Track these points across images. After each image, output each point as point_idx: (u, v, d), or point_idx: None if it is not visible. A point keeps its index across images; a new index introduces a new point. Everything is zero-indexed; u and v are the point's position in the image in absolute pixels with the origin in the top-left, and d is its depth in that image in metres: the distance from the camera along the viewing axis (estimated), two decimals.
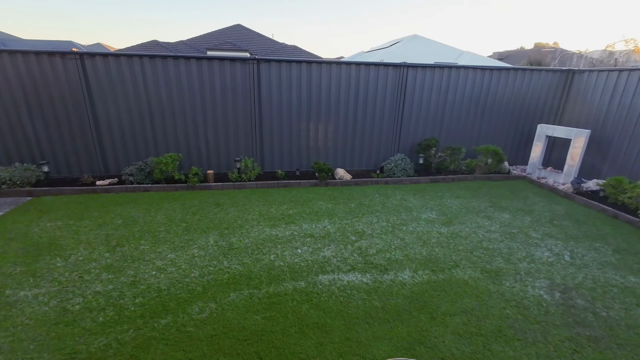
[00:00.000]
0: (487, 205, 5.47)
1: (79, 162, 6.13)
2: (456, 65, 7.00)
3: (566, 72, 7.36)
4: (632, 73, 6.03)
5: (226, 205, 5.18)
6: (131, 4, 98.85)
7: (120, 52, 6.17)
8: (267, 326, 2.71)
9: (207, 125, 6.35)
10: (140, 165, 5.92)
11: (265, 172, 6.79)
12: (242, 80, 6.21)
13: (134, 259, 3.62)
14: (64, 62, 5.55)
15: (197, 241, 4.05)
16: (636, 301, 3.14)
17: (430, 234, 4.39)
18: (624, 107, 6.12)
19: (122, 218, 4.64)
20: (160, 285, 3.19)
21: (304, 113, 6.63)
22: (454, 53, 18.34)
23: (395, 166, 6.70)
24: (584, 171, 6.76)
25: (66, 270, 3.38)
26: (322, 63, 6.45)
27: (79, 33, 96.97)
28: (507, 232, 4.51)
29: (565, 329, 2.76)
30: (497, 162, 6.96)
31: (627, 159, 6.09)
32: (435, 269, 3.58)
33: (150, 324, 2.71)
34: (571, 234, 4.52)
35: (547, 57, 24.18)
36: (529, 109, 7.52)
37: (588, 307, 3.04)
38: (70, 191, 5.50)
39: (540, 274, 3.55)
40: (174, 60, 5.90)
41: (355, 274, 3.46)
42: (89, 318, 2.75)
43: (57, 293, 3.04)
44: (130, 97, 5.92)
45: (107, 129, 6.03)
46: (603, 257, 3.94)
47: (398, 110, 6.99)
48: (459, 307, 2.99)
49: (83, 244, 3.90)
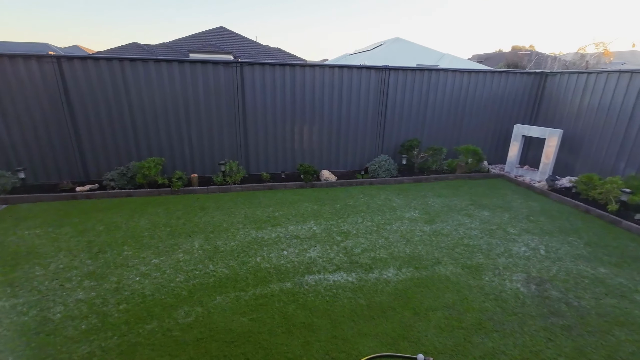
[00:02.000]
0: (468, 204, 5.64)
1: (57, 168, 5.96)
2: (436, 68, 7.20)
3: (540, 74, 7.68)
4: (600, 75, 6.36)
5: (211, 209, 5.15)
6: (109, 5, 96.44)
7: (100, 55, 6.06)
8: (254, 327, 2.73)
9: (190, 129, 6.30)
10: (122, 170, 5.81)
11: (250, 174, 6.79)
12: (225, 83, 6.19)
13: (117, 265, 3.56)
14: (40, 65, 5.41)
15: (182, 245, 4.02)
16: (605, 291, 3.32)
17: (414, 233, 4.51)
18: (594, 108, 6.45)
19: (104, 224, 4.55)
20: (144, 290, 3.16)
21: (289, 116, 6.67)
22: (435, 55, 18.80)
23: (379, 167, 6.82)
24: (558, 169, 7.07)
25: (46, 279, 3.30)
26: (305, 66, 6.51)
27: (54, 35, 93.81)
28: (486, 229, 4.68)
29: (541, 320, 2.90)
30: (477, 162, 7.18)
31: (597, 156, 6.41)
32: (418, 266, 3.68)
33: (135, 329, 2.68)
34: (546, 229, 4.73)
35: (524, 59, 25.08)
36: (506, 110, 7.81)
37: (561, 297, 3.20)
38: (48, 198, 5.35)
39: (517, 268, 3.71)
40: (155, 63, 5.83)
41: (341, 273, 3.52)
42: (71, 326, 2.70)
43: (36, 302, 2.96)
44: (110, 101, 5.82)
45: (86, 134, 5.90)
46: (576, 250, 4.14)
47: (381, 112, 7.12)
48: (441, 302, 3.09)
49: (63, 252, 3.81)
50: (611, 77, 6.14)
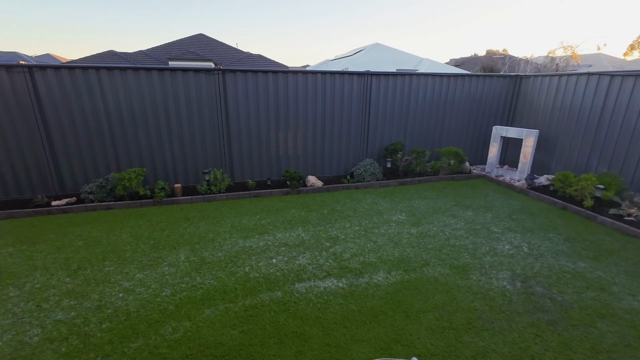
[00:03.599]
0: (452, 204, 5.76)
1: (30, 182, 5.69)
2: (417, 73, 7.36)
3: (514, 77, 7.98)
4: (570, 77, 6.67)
5: (196, 219, 5.04)
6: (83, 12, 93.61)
7: (75, 64, 5.85)
8: (245, 340, 2.67)
9: (172, 138, 6.17)
10: (101, 182, 5.61)
11: (235, 182, 6.69)
12: (207, 90, 6.11)
13: (98, 282, 3.42)
14: (10, 75, 5.17)
15: (166, 258, 3.90)
16: (586, 284, 3.44)
17: (401, 235, 4.55)
18: (566, 108, 6.74)
19: (82, 239, 4.36)
20: (129, 307, 3.04)
21: (273, 122, 6.64)
22: (414, 60, 19.22)
23: (364, 171, 6.87)
24: (536, 168, 7.33)
25: (21, 300, 3.12)
26: (288, 73, 6.51)
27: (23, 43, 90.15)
28: (471, 229, 4.78)
29: (527, 316, 2.97)
30: (459, 163, 7.36)
31: (571, 155, 6.69)
32: (407, 269, 3.71)
33: (120, 349, 2.57)
34: (527, 226, 4.88)
35: (498, 63, 26.00)
36: (484, 112, 8.05)
37: (546, 293, 3.30)
38: (21, 214, 5.09)
39: (502, 266, 3.80)
40: (134, 72, 5.69)
41: (331, 279, 3.50)
42: (50, 349, 2.56)
43: (11, 326, 2.80)
44: (87, 112, 5.62)
45: (62, 146, 5.67)
46: (556, 246, 4.28)
47: (364, 117, 7.20)
48: (431, 304, 3.12)
49: (39, 270, 3.63)
50: (580, 79, 6.45)
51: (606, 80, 5.98)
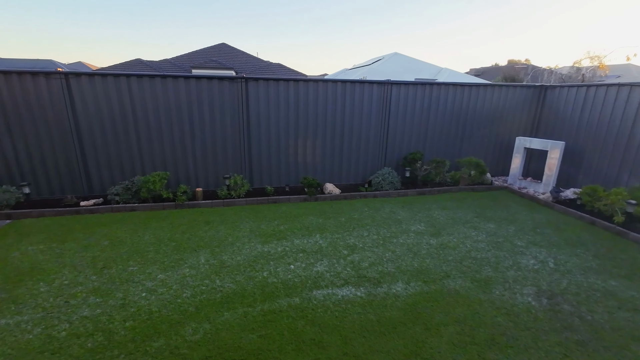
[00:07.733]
0: (473, 216, 5.62)
1: (61, 183, 5.97)
2: (437, 82, 7.31)
3: (539, 87, 7.80)
4: (599, 88, 6.46)
5: (216, 223, 5.13)
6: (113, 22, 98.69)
7: (107, 71, 6.15)
8: (263, 345, 2.68)
9: (195, 143, 6.34)
10: (127, 185, 5.81)
11: (254, 188, 6.79)
12: (230, 98, 6.27)
13: (122, 281, 3.52)
14: (48, 81, 5.48)
15: (187, 260, 3.98)
16: (618, 304, 3.27)
17: (420, 246, 4.47)
18: (594, 120, 6.51)
19: (108, 239, 4.52)
20: (151, 307, 3.11)
21: (292, 130, 6.73)
22: (433, 70, 19.10)
23: (382, 180, 6.83)
24: (562, 180, 7.08)
25: (50, 296, 3.25)
26: (308, 81, 6.61)
27: (59, 51, 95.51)
28: (493, 242, 4.65)
29: (554, 334, 2.85)
30: (480, 174, 7.20)
31: (599, 168, 6.43)
32: (427, 280, 3.64)
33: (142, 347, 2.63)
34: (553, 241, 4.70)
35: (520, 73, 25.48)
36: (507, 123, 7.88)
37: (574, 311, 3.15)
38: (52, 213, 5.33)
39: (527, 281, 3.67)
40: (161, 79, 5.92)
41: (349, 288, 3.48)
42: (77, 344, 2.64)
43: (41, 320, 2.91)
44: (116, 116, 5.88)
45: (91, 149, 5.93)
46: (584, 262, 4.10)
47: (384, 126, 7.19)
48: (452, 317, 3.04)
49: (68, 268, 3.77)
50: (610, 90, 6.23)
51: (638, 91, 5.76)
